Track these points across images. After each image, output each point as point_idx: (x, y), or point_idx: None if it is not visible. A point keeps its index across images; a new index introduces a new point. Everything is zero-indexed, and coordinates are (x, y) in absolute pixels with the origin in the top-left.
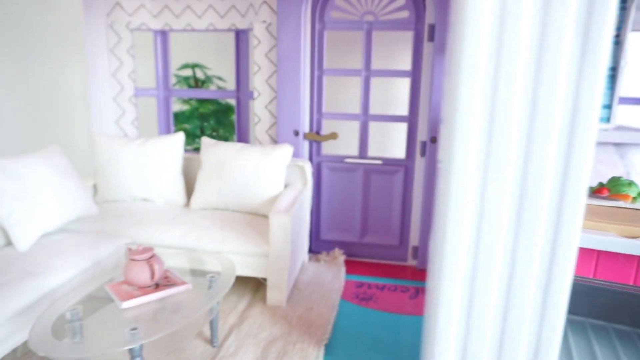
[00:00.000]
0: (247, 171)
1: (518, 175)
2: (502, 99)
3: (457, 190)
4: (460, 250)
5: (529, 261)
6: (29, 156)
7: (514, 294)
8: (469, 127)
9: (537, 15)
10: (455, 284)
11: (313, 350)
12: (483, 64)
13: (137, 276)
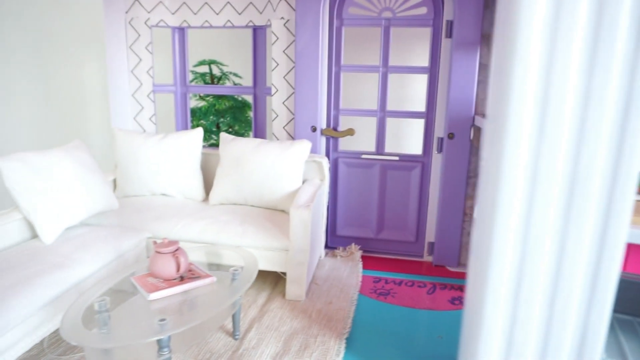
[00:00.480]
0: (266, 166)
1: (568, 171)
2: (555, 95)
3: (506, 188)
4: (508, 247)
5: (577, 257)
6: (54, 151)
7: (560, 289)
8: (520, 124)
9: (592, 9)
10: (502, 282)
11: (334, 344)
12: (535, 59)
13: (163, 269)
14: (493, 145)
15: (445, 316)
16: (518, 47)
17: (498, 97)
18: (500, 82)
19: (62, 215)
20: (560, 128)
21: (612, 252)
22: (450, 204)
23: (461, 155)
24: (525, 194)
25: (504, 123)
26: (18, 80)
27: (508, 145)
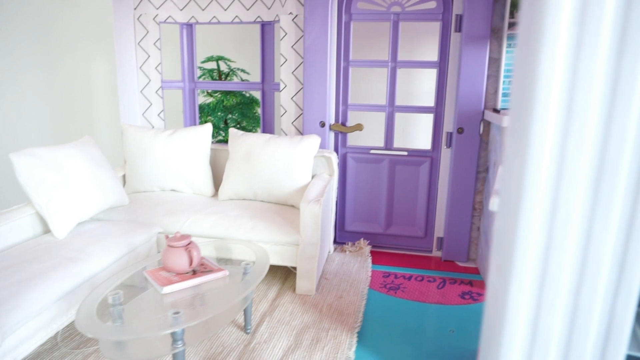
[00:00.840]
0: (276, 161)
1: (596, 156)
2: (581, 87)
3: (531, 183)
4: (533, 238)
5: (603, 247)
6: (65, 146)
7: (586, 277)
8: (546, 117)
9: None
10: (527, 268)
11: (346, 338)
12: (562, 50)
13: (176, 262)
14: (517, 138)
15: (456, 310)
16: (545, 39)
17: (522, 89)
18: (524, 74)
19: (74, 210)
20: (586, 121)
21: (638, 242)
22: (460, 198)
23: (471, 149)
24: (551, 183)
25: (529, 117)
26: (25, 77)
27: (533, 138)
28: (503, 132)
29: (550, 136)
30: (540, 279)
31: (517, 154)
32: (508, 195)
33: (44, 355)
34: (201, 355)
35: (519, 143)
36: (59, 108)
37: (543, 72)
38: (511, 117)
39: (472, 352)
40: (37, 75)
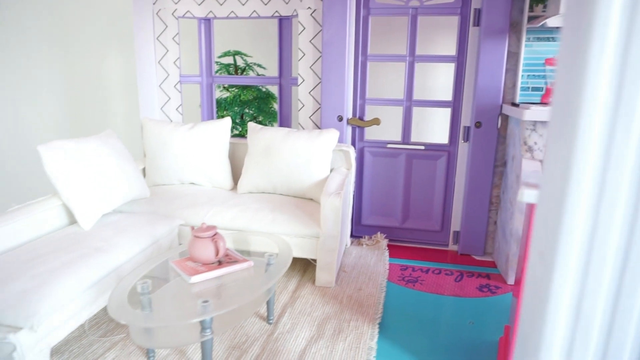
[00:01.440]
0: (295, 155)
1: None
2: (630, 86)
3: (576, 174)
4: (576, 233)
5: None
6: (90, 139)
7: (628, 272)
8: (592, 122)
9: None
10: (569, 267)
11: (367, 328)
12: (612, 44)
13: (202, 253)
14: (560, 137)
15: (474, 303)
16: (595, 31)
17: (568, 82)
18: (571, 67)
19: (100, 201)
20: (635, 113)
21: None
22: (477, 192)
23: (488, 143)
24: (597, 172)
25: (576, 110)
26: (42, 72)
27: (581, 128)
28: (522, 126)
29: (597, 125)
30: (584, 266)
31: (563, 144)
32: (552, 185)
33: (72, 343)
34: (226, 344)
35: (565, 129)
36: (75, 104)
37: (592, 66)
38: (555, 109)
39: (492, 343)
40: (54, 71)
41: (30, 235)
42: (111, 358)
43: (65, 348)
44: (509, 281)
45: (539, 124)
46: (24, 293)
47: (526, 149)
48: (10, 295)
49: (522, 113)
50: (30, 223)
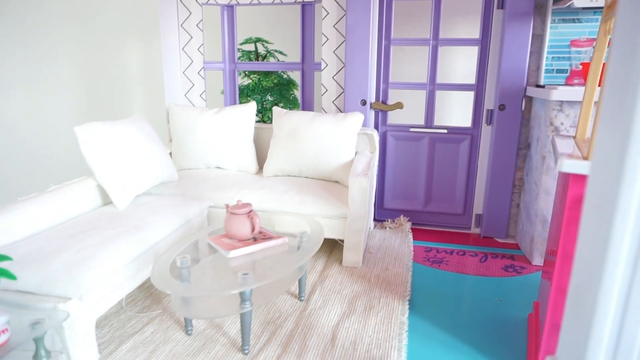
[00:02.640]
0: (321, 138)
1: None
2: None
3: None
4: (630, 221)
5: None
6: (122, 122)
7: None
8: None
9: None
10: (622, 256)
11: (398, 305)
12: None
13: (238, 229)
14: (617, 115)
15: (501, 282)
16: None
17: (625, 69)
18: (628, 52)
19: (133, 182)
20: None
21: None
22: (500, 175)
23: (512, 126)
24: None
25: (634, 94)
26: (65, 61)
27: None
28: (548, 106)
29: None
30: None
31: (618, 129)
32: (605, 168)
33: (111, 318)
34: (260, 319)
35: (620, 117)
36: (97, 92)
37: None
38: (609, 90)
39: (521, 319)
40: (76, 59)
41: (69, 214)
42: (150, 332)
43: (105, 323)
44: (534, 262)
45: (565, 104)
46: (71, 266)
47: (552, 129)
48: (59, 268)
49: (550, 93)
50: (68, 202)
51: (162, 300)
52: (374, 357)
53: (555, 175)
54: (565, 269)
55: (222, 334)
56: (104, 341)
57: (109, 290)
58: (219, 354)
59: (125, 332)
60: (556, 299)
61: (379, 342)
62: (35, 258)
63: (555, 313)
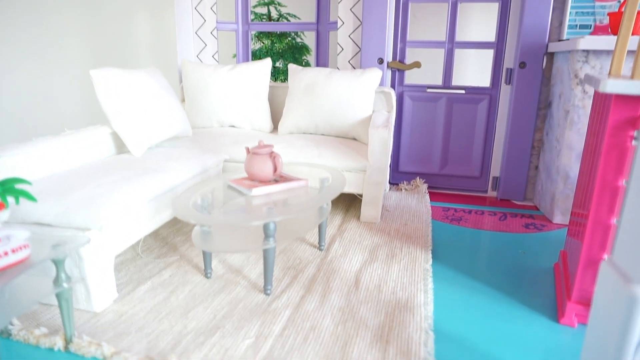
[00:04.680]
0: (338, 94)
1: None
2: None
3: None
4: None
5: None
6: (137, 71)
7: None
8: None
9: None
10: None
11: (421, 253)
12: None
13: (260, 169)
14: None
15: (522, 237)
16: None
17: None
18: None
19: (149, 131)
20: None
21: None
22: (518, 136)
23: (532, 85)
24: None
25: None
26: (72, 25)
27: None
28: (573, 59)
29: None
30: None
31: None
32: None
33: (127, 263)
34: (280, 266)
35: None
36: (105, 56)
37: None
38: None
39: (547, 269)
40: (84, 22)
41: (84, 160)
42: (168, 275)
43: (121, 267)
44: (555, 220)
45: (591, 55)
46: (90, 199)
47: (577, 82)
48: (78, 200)
49: (576, 42)
50: (83, 147)
51: (178, 248)
52: (400, 299)
53: (579, 129)
54: (604, 201)
55: (242, 277)
56: (121, 283)
57: (128, 227)
58: (240, 295)
59: (142, 275)
60: (593, 233)
61: (404, 285)
62: (53, 192)
63: (592, 248)
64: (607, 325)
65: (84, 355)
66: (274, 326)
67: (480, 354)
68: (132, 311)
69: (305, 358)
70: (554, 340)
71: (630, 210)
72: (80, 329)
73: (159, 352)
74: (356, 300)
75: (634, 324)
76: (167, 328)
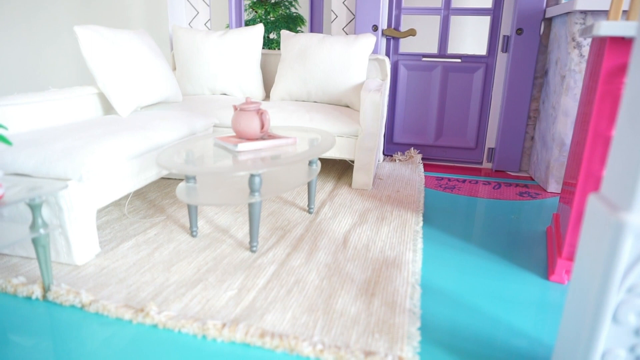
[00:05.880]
0: (331, 60)
1: None
2: None
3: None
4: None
5: None
6: (124, 31)
7: None
8: None
9: None
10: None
11: (411, 217)
12: None
13: (247, 126)
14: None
15: (516, 204)
16: None
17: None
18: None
19: (136, 92)
20: None
21: None
22: (514, 106)
23: (529, 52)
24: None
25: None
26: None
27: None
28: (570, 21)
29: None
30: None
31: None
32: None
33: (112, 223)
34: (267, 227)
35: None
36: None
37: None
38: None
39: (540, 232)
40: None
41: (67, 120)
42: (153, 233)
43: (106, 226)
44: (549, 189)
45: (589, 15)
46: (71, 148)
47: (574, 45)
48: (58, 150)
49: (574, 3)
50: (67, 107)
51: (165, 210)
52: (388, 257)
53: (575, 94)
54: (596, 152)
55: (228, 237)
56: (105, 240)
57: (110, 181)
58: (226, 252)
59: (127, 233)
60: (585, 186)
61: (393, 245)
62: (33, 143)
63: (583, 202)
64: (594, 255)
65: (62, 304)
66: (258, 280)
67: (467, 307)
68: (114, 265)
69: (287, 308)
70: (543, 295)
71: (619, 142)
72: (59, 280)
73: (138, 302)
74: (343, 258)
75: (620, 251)
76: (149, 280)
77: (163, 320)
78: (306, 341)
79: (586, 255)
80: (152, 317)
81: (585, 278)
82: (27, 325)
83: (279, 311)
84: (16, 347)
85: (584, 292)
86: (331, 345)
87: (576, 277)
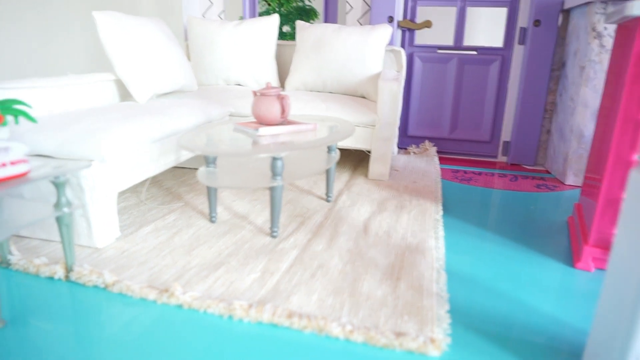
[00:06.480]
0: (347, 50)
1: None
2: None
3: None
4: None
5: None
6: (142, 18)
7: None
8: None
9: None
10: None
11: (430, 206)
12: None
13: (268, 111)
14: None
15: (534, 195)
16: None
17: None
18: None
19: (153, 79)
20: None
21: None
22: (531, 99)
23: (546, 45)
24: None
25: None
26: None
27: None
28: (590, 11)
29: None
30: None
31: None
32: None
33: (131, 209)
34: (287, 214)
35: None
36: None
37: None
38: None
39: (561, 222)
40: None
41: (86, 105)
42: (172, 219)
43: (124, 211)
44: (567, 182)
45: (610, 5)
46: (93, 130)
47: (594, 35)
48: (80, 131)
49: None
50: (85, 92)
51: (183, 197)
52: (410, 244)
53: (595, 85)
54: (626, 137)
55: (248, 223)
56: (124, 225)
57: (131, 164)
58: (246, 237)
59: (145, 219)
60: (614, 172)
61: (414, 232)
62: (54, 125)
63: (612, 187)
64: (637, 236)
65: (85, 284)
66: (281, 264)
67: (495, 292)
68: (135, 248)
69: (313, 291)
70: (570, 282)
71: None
72: (81, 262)
73: (162, 283)
74: (365, 244)
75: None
76: (170, 263)
77: (188, 300)
78: (335, 322)
79: (628, 237)
80: (177, 297)
81: (625, 262)
82: (51, 305)
83: (304, 294)
84: (41, 327)
85: (623, 277)
86: (360, 326)
87: (614, 262)
